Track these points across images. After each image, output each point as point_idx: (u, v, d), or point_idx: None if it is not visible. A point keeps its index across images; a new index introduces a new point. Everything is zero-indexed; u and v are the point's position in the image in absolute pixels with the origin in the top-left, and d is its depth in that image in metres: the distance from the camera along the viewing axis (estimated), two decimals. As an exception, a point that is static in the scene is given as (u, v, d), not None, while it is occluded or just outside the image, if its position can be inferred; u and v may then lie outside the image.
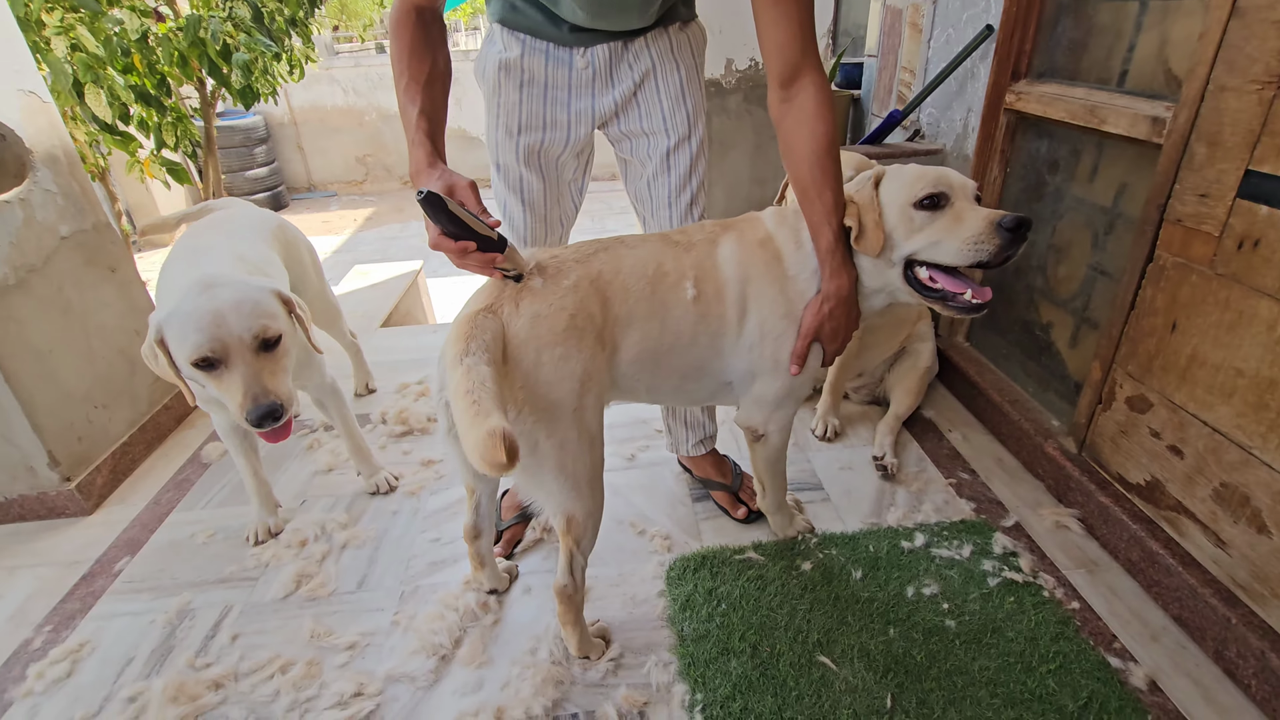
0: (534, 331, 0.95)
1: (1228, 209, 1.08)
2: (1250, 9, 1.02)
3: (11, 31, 1.63)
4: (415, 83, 0.99)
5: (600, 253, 1.04)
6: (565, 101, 1.22)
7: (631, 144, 1.29)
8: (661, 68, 1.21)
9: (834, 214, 1.04)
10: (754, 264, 1.08)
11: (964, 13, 1.83)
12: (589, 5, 1.09)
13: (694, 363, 1.10)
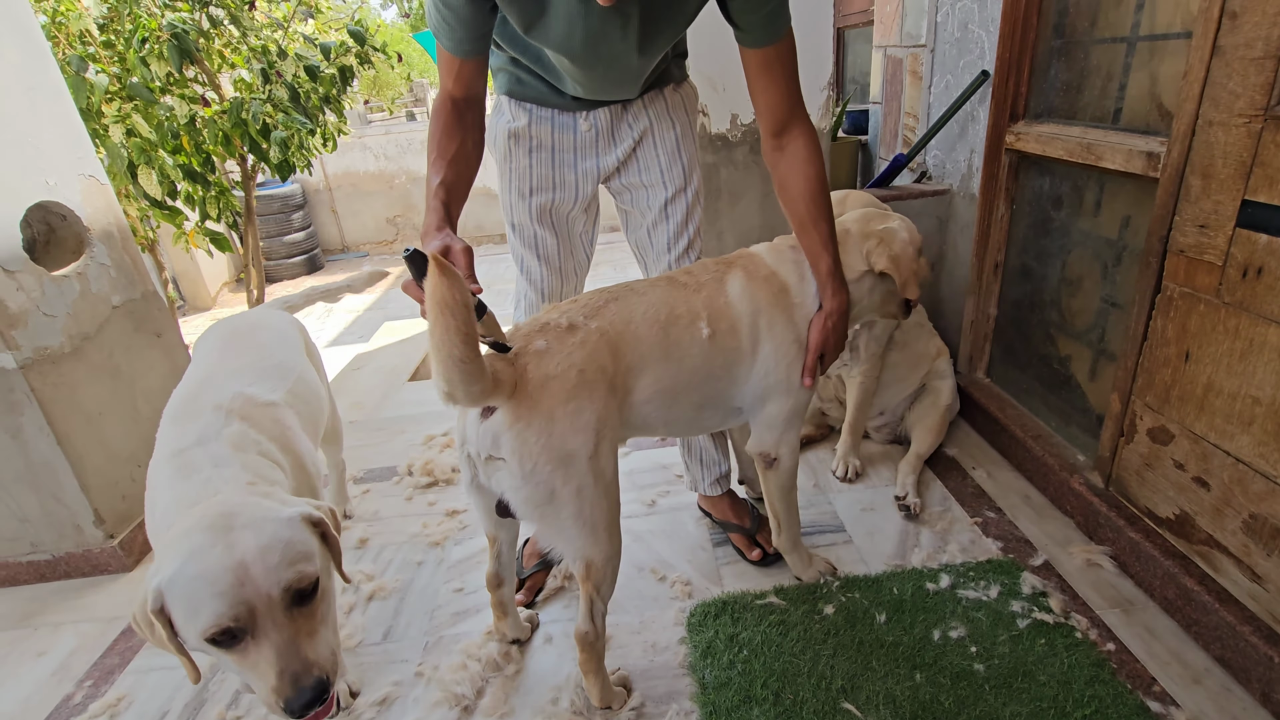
0: (547, 392, 0.98)
1: (1228, 238, 1.09)
2: (1229, 47, 1.05)
3: (75, 122, 1.79)
4: (442, 159, 1.07)
5: (610, 303, 1.09)
6: (572, 163, 1.30)
7: (632, 195, 1.37)
8: (658, 126, 1.29)
9: (830, 242, 1.14)
10: (763, 298, 1.15)
11: (960, 60, 1.89)
12: (588, 85, 1.18)
13: (710, 394, 1.15)
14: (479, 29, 1.04)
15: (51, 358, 1.60)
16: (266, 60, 2.31)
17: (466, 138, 1.10)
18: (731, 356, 1.14)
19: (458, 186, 1.08)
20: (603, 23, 1.00)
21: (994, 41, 1.71)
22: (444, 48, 1.07)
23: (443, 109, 1.10)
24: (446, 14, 1.02)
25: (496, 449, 1.00)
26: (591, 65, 1.11)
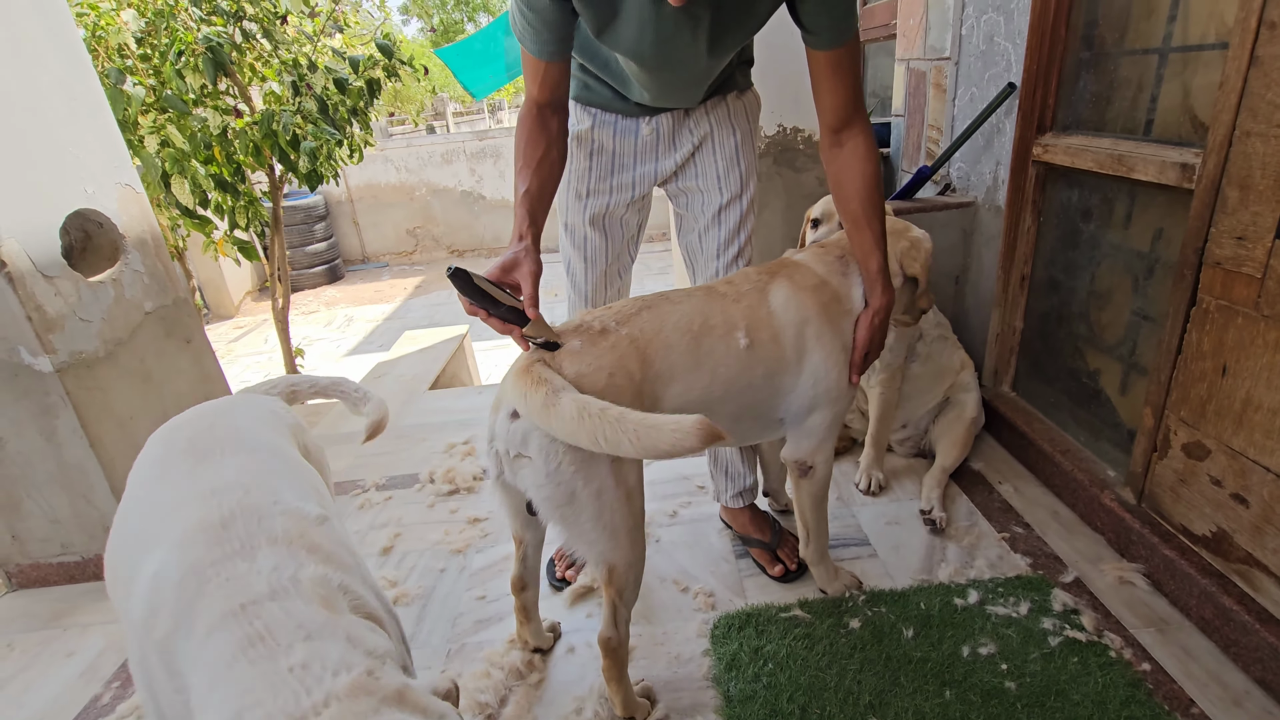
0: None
1: (1267, 250, 1.07)
2: (1268, 58, 1.04)
3: (113, 133, 1.83)
4: (528, 167, 1.10)
5: (644, 311, 1.09)
6: (630, 166, 1.33)
7: (688, 199, 1.38)
8: (719, 132, 1.31)
9: (881, 241, 1.15)
10: (813, 306, 1.15)
11: (985, 72, 1.89)
12: (655, 90, 1.20)
13: (748, 404, 1.15)
14: (562, 30, 1.06)
15: (86, 362, 1.63)
16: (297, 73, 2.36)
17: (551, 145, 1.12)
18: (774, 367, 1.14)
19: (542, 194, 1.10)
20: (674, 25, 1.01)
21: (1020, 54, 1.70)
22: (529, 52, 1.10)
23: (528, 116, 1.13)
24: (531, 17, 1.04)
25: (525, 447, 1.01)
26: (659, 69, 1.13)
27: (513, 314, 0.98)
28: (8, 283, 1.47)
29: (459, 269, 0.93)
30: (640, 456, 0.89)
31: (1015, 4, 1.73)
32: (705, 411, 1.12)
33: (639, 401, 1.05)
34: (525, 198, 1.07)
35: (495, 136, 7.45)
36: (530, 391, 0.94)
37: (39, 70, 1.61)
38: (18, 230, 1.49)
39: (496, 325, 0.99)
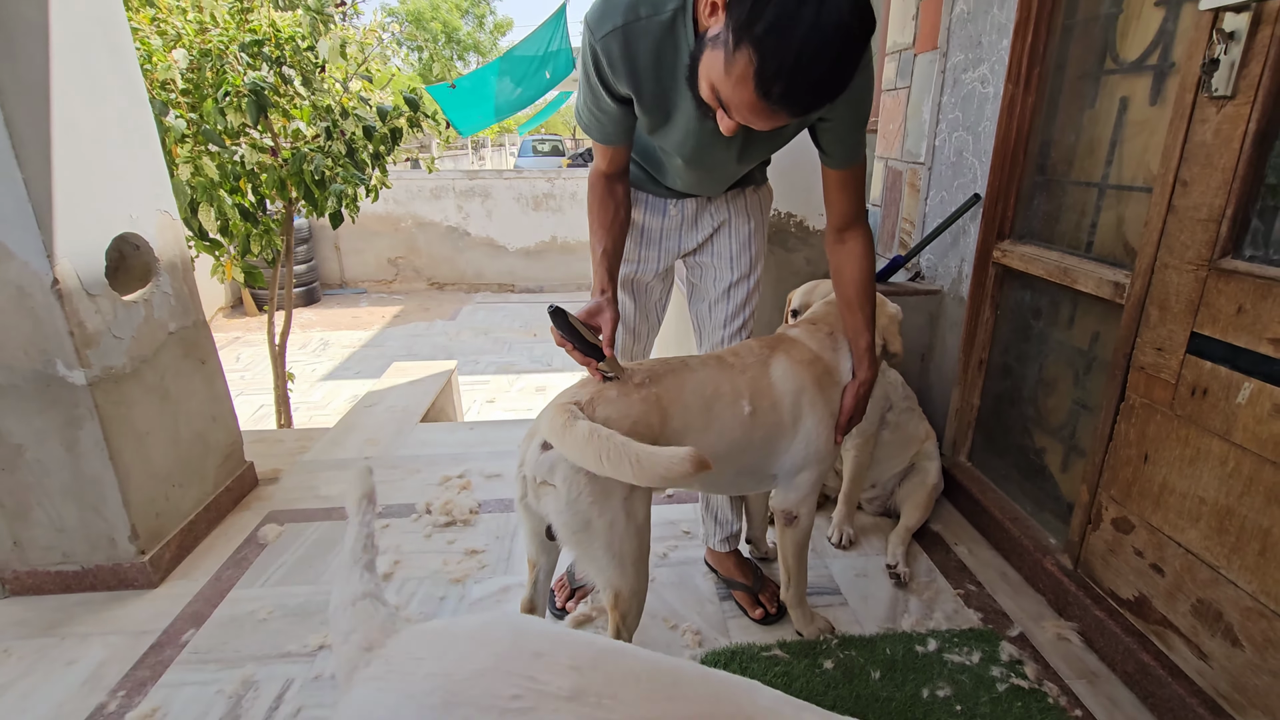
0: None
1: (1180, 362, 1.30)
2: (1181, 208, 1.29)
3: (159, 163, 1.95)
4: (602, 228, 1.30)
5: (669, 374, 1.26)
6: (657, 241, 1.50)
7: (702, 272, 1.56)
8: (736, 220, 1.50)
9: (870, 323, 1.35)
10: (808, 378, 1.33)
11: (955, 181, 2.17)
12: (687, 180, 1.39)
13: (748, 463, 1.31)
14: (625, 125, 1.25)
15: (114, 377, 1.71)
16: (330, 118, 2.51)
17: (619, 208, 1.32)
18: (772, 431, 1.30)
19: (616, 252, 1.31)
20: (713, 137, 1.19)
21: (985, 169, 1.98)
22: (596, 140, 1.28)
23: (597, 184, 1.32)
24: (601, 117, 1.23)
25: (550, 476, 1.15)
26: (696, 166, 1.32)
27: (592, 350, 1.17)
28: (58, 299, 1.55)
29: (559, 307, 1.14)
30: (639, 481, 1.03)
31: (982, 127, 2.02)
32: (713, 469, 1.29)
33: None
34: (604, 257, 1.27)
35: (485, 177, 7.66)
36: (554, 418, 1.11)
37: (104, 103, 1.73)
38: (71, 250, 1.58)
39: (578, 357, 1.18)
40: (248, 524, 2.08)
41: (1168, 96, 1.44)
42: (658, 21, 1.06)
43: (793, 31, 0.85)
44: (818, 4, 0.84)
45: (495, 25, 27.53)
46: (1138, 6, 1.52)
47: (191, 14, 2.36)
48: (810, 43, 0.85)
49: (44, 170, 1.52)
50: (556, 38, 10.16)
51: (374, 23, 3.13)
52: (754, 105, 0.93)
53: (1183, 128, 1.28)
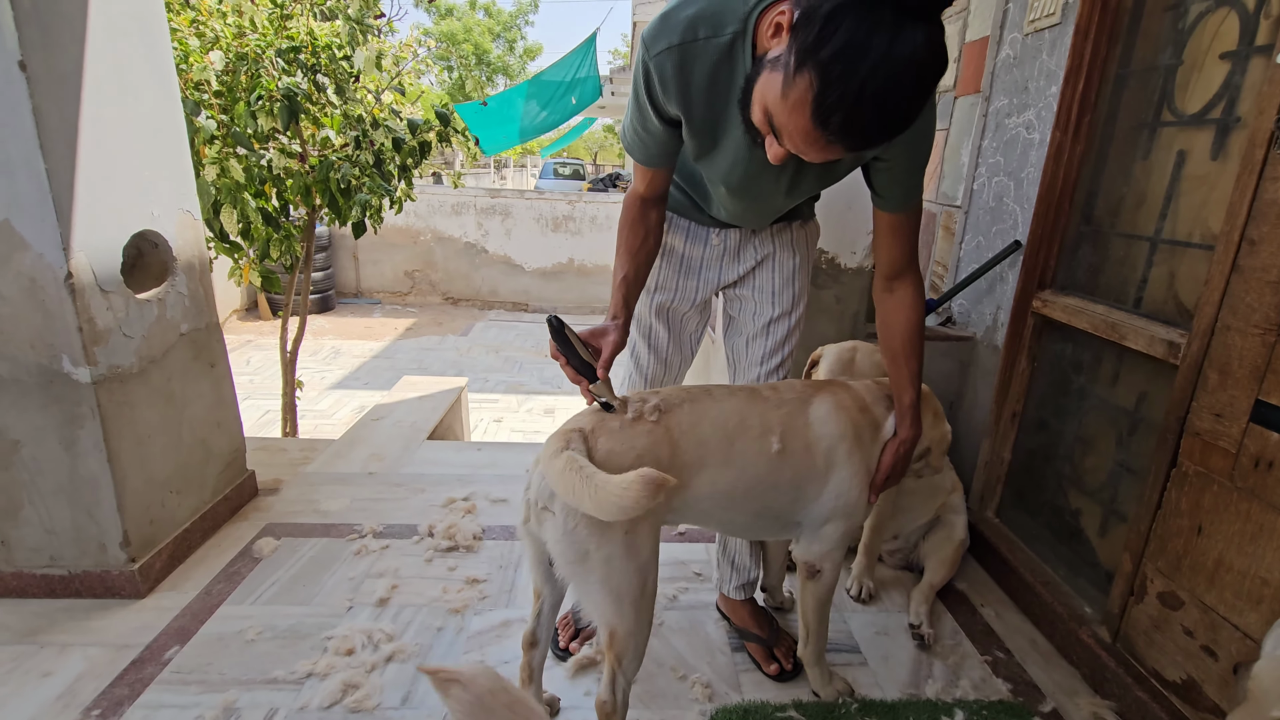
0: (605, 465, 1.07)
1: (1242, 430, 1.22)
2: (1248, 268, 1.22)
3: (185, 162, 1.92)
4: (627, 252, 1.25)
5: (686, 403, 1.19)
6: (697, 271, 1.44)
7: (741, 305, 1.50)
8: (780, 254, 1.44)
9: (917, 379, 1.27)
10: (850, 426, 1.25)
11: (993, 226, 2.11)
12: (732, 211, 1.33)
13: (771, 504, 1.23)
14: (670, 148, 1.20)
15: (121, 376, 1.66)
16: (361, 128, 2.50)
17: (649, 234, 1.27)
18: (802, 474, 1.22)
19: (638, 279, 1.26)
20: (761, 167, 1.14)
21: (1027, 215, 1.92)
22: (638, 160, 1.24)
23: (631, 206, 1.27)
24: (645, 137, 1.18)
25: (551, 503, 1.09)
26: (742, 196, 1.26)
27: (586, 369, 1.12)
28: (70, 293, 1.51)
29: (558, 317, 1.10)
30: (598, 514, 0.98)
31: (1025, 173, 1.97)
32: (728, 506, 1.21)
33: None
34: (623, 283, 1.22)
35: (506, 196, 7.70)
36: (548, 444, 1.08)
37: (136, 99, 1.71)
38: (88, 245, 1.55)
39: (570, 374, 1.12)
40: (243, 536, 2.01)
41: (1231, 152, 1.38)
42: (716, 43, 1.02)
43: (861, 60, 0.79)
44: (891, 34, 0.78)
45: (525, 50, 28.12)
46: (1200, 58, 1.47)
47: (231, 18, 2.36)
48: (878, 74, 0.79)
49: (68, 162, 1.49)
50: (585, 65, 10.32)
51: (410, 38, 3.15)
52: (808, 134, 0.87)
53: (1251, 184, 1.22)
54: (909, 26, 0.78)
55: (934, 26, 0.80)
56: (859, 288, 2.07)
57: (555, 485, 1.02)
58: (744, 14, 1.00)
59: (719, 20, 1.01)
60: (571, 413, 1.21)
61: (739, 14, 1.00)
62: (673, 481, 0.95)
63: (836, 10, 0.79)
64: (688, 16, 1.02)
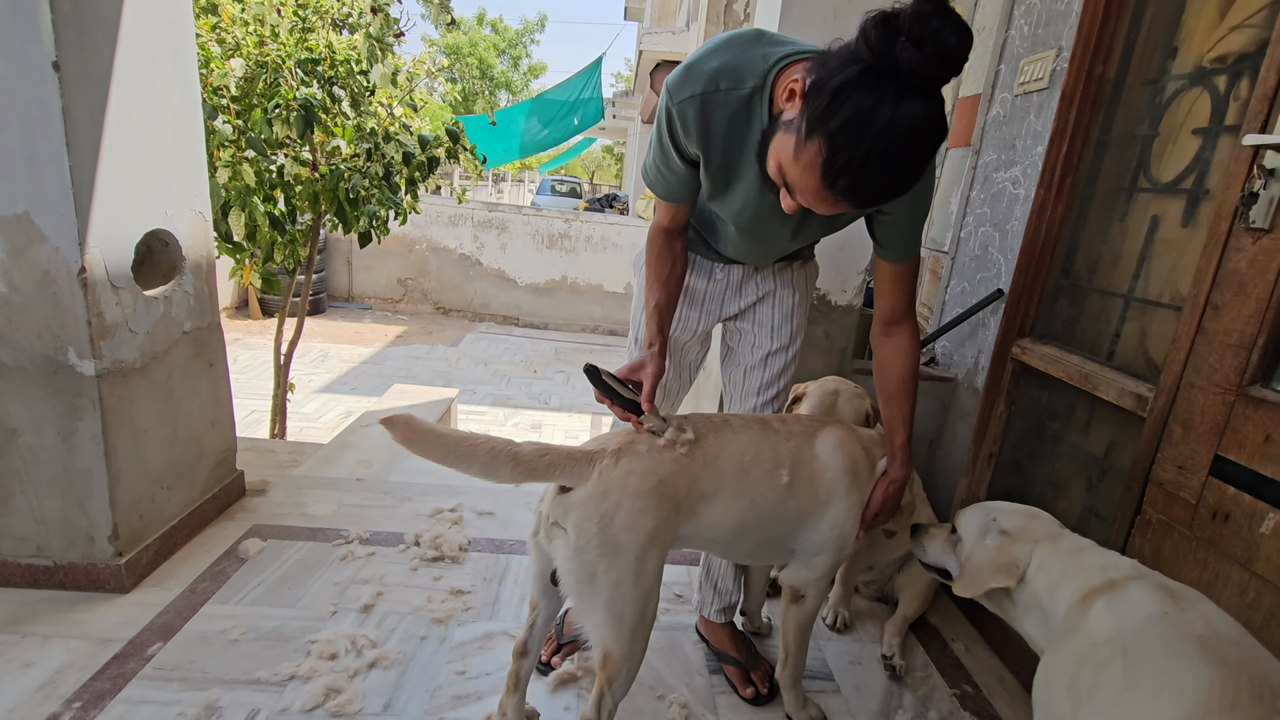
0: (623, 484, 1.12)
1: (1201, 483, 1.30)
2: (1212, 331, 1.31)
3: (201, 164, 1.96)
4: (657, 281, 1.32)
5: (712, 434, 1.23)
6: (700, 303, 1.50)
7: (741, 337, 1.56)
8: (781, 291, 1.50)
9: (909, 420, 1.33)
10: (850, 460, 1.31)
11: (977, 274, 2.21)
12: (738, 248, 1.40)
13: (774, 534, 1.29)
14: (690, 185, 1.27)
15: (124, 371, 1.68)
16: (374, 140, 2.56)
17: (676, 263, 1.34)
18: (806, 505, 1.28)
19: (670, 306, 1.32)
20: (771, 210, 1.21)
21: (1009, 266, 2.01)
22: (661, 197, 1.31)
23: (657, 238, 1.34)
24: (669, 175, 1.25)
25: (563, 519, 1.13)
26: (750, 236, 1.33)
27: (632, 405, 1.17)
28: (82, 287, 1.54)
29: (592, 365, 1.16)
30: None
31: (1010, 225, 2.07)
32: (735, 535, 1.26)
33: (675, 511, 1.17)
34: (656, 311, 1.28)
35: (504, 210, 7.77)
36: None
37: (160, 102, 1.75)
38: (103, 240, 1.58)
39: (619, 413, 1.19)
40: (230, 535, 2.02)
41: (1200, 221, 1.48)
42: (736, 95, 1.10)
43: (866, 131, 0.87)
44: (894, 106, 0.85)
45: (530, 67, 28.47)
46: (1174, 131, 1.57)
47: (253, 26, 2.42)
48: (881, 143, 0.87)
49: (91, 160, 1.53)
50: (589, 87, 10.48)
51: (424, 54, 3.22)
52: (818, 192, 0.95)
53: (1217, 253, 1.31)
54: (910, 100, 0.85)
55: (934, 100, 0.88)
56: (848, 325, 2.15)
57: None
58: (763, 71, 1.08)
59: (740, 75, 1.09)
60: (558, 429, 1.27)
61: (759, 71, 1.08)
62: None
63: (845, 84, 0.87)
64: (711, 69, 1.10)
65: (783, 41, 1.11)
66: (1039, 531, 1.11)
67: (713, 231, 1.42)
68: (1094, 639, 0.91)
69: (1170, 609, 0.89)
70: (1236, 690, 0.75)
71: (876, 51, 0.85)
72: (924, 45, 0.83)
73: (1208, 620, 0.86)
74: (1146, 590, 0.93)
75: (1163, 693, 0.77)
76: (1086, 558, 1.04)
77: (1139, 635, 0.87)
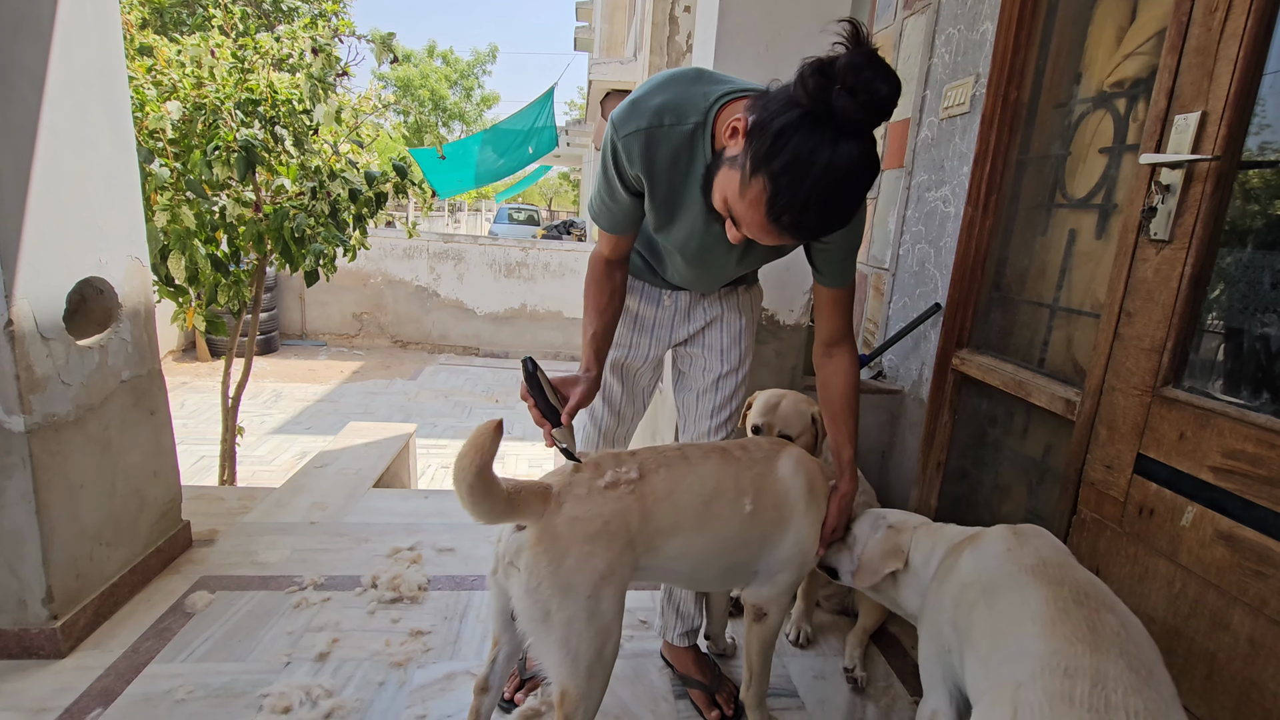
0: (569, 531, 1.12)
1: (1127, 480, 1.37)
2: (1128, 336, 1.39)
3: (137, 210, 1.92)
4: (595, 309, 1.34)
5: (662, 469, 1.23)
6: (650, 329, 1.53)
7: (691, 362, 1.58)
8: (728, 315, 1.54)
9: (854, 437, 1.38)
10: (810, 481, 1.34)
11: (917, 289, 2.29)
12: (685, 276, 1.44)
13: (739, 560, 1.30)
14: (634, 217, 1.30)
15: (56, 425, 1.62)
16: (318, 179, 2.54)
17: (615, 292, 1.37)
18: (769, 529, 1.29)
19: (606, 335, 1.35)
20: (716, 240, 1.25)
21: (946, 281, 2.10)
22: (604, 228, 1.33)
23: (596, 268, 1.36)
24: (613, 206, 1.28)
25: (516, 559, 1.13)
26: (696, 265, 1.37)
27: (552, 413, 1.17)
28: (8, 341, 1.49)
29: (532, 360, 1.17)
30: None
31: (943, 242, 2.16)
32: (700, 566, 1.27)
33: (630, 549, 1.17)
34: (594, 339, 1.31)
35: (460, 241, 7.75)
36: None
37: (91, 150, 1.72)
38: (32, 291, 1.53)
39: (535, 416, 1.18)
40: (175, 589, 1.94)
41: (1112, 233, 1.58)
42: (679, 131, 1.14)
43: (807, 172, 0.93)
44: (831, 149, 0.92)
45: (483, 98, 28.60)
46: (1084, 151, 1.68)
47: (190, 68, 2.40)
48: (821, 183, 0.94)
49: (17, 210, 1.49)
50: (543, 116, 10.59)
51: (369, 91, 3.23)
52: (763, 226, 1.01)
53: (1126, 263, 1.39)
54: (845, 142, 0.92)
55: (867, 141, 0.95)
56: (797, 343, 2.20)
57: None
58: (704, 108, 1.13)
59: (682, 111, 1.14)
60: (521, 459, 1.27)
61: (700, 108, 1.14)
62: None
63: (786, 127, 0.93)
64: (655, 105, 1.15)
65: (721, 80, 1.17)
66: (917, 520, 1.34)
67: (660, 260, 1.46)
68: (963, 580, 1.11)
69: (1013, 545, 1.10)
70: (1063, 599, 0.95)
71: (814, 97, 0.92)
72: (857, 94, 0.90)
73: (1038, 551, 1.08)
74: (998, 535, 1.15)
75: (1020, 618, 0.96)
76: (951, 531, 1.27)
77: (992, 575, 1.07)
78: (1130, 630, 0.93)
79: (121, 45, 1.82)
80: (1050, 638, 0.90)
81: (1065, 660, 0.86)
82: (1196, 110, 1.25)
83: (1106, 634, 0.89)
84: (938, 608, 1.17)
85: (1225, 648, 1.17)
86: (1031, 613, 0.95)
